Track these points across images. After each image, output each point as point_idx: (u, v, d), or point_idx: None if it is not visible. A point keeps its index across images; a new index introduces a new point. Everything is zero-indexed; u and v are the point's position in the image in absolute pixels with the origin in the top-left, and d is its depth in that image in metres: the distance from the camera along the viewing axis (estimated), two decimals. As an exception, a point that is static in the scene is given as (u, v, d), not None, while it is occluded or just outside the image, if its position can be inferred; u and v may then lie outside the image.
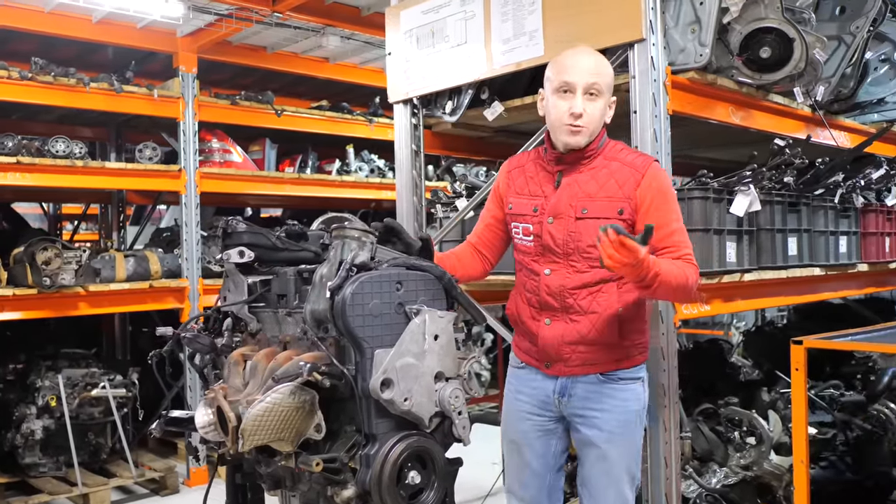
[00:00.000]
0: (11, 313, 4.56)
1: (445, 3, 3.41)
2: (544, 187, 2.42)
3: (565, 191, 2.37)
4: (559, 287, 2.36)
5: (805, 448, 2.84)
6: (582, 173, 2.37)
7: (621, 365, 2.39)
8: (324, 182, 6.04)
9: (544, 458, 2.51)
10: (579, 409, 2.41)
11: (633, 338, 2.40)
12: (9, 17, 4.64)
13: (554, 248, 2.36)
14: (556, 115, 2.34)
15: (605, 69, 2.37)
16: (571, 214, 2.34)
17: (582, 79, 2.30)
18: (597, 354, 2.36)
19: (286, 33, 5.20)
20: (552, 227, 2.36)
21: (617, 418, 2.37)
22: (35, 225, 7.84)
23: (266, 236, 2.41)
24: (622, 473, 2.40)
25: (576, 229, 2.33)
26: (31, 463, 4.94)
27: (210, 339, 2.46)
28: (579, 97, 2.30)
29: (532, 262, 2.43)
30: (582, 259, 2.33)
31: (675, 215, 2.34)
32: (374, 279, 2.15)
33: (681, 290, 2.24)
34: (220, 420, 2.24)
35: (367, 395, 2.11)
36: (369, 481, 2.09)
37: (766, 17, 2.94)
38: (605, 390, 2.38)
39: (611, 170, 2.35)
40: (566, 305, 2.35)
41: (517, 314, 2.50)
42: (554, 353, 2.39)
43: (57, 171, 4.77)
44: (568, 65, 2.34)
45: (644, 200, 2.30)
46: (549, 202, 2.38)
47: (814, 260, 3.62)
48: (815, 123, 3.66)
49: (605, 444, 2.37)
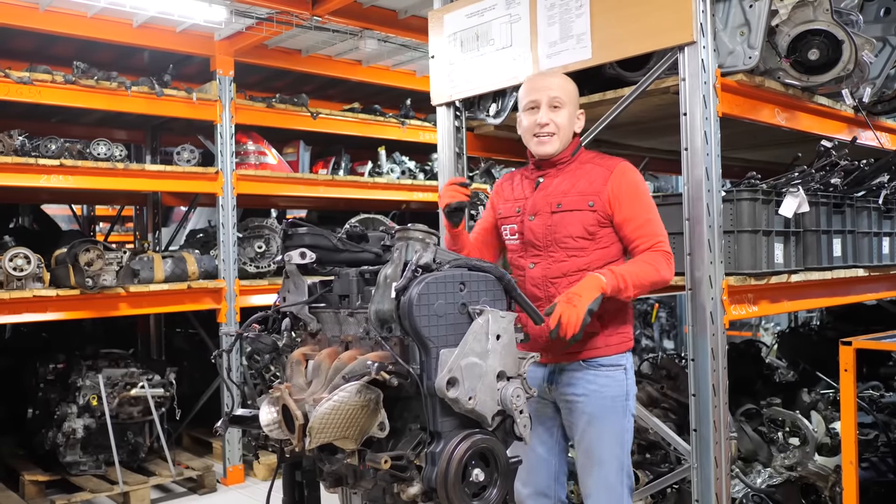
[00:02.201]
0: (55, 314, 4.64)
1: (490, 6, 3.45)
2: (525, 191, 2.71)
3: (542, 191, 2.65)
4: (542, 277, 2.60)
5: (854, 449, 2.85)
6: (558, 177, 2.64)
7: (602, 352, 2.58)
8: (356, 183, 6.09)
9: (548, 445, 2.70)
10: (564, 395, 2.62)
11: (615, 327, 2.60)
12: (52, 21, 4.71)
13: (535, 241, 2.62)
14: (526, 128, 2.66)
15: (566, 85, 2.66)
16: (548, 210, 2.60)
17: (544, 94, 2.60)
18: (582, 342, 2.54)
19: (323, 36, 5.25)
20: (533, 223, 2.63)
21: (595, 403, 2.56)
22: (63, 226, 7.95)
23: (327, 237, 2.44)
24: (606, 458, 2.54)
25: (552, 222, 2.59)
26: (72, 461, 5.01)
27: (272, 340, 2.50)
28: (543, 109, 2.60)
29: (518, 258, 2.69)
30: (560, 249, 2.58)
31: (646, 207, 2.56)
32: (439, 280, 2.18)
33: (656, 282, 2.49)
34: (286, 418, 2.27)
35: (432, 393, 2.14)
36: (435, 478, 2.12)
37: (815, 19, 2.95)
38: (587, 376, 2.58)
39: (584, 170, 2.62)
40: (549, 295, 2.56)
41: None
42: (542, 342, 2.55)
43: (98, 173, 4.84)
44: (531, 86, 2.67)
45: (615, 195, 2.54)
46: (529, 202, 2.66)
47: (857, 261, 3.62)
48: (858, 124, 3.66)
49: (587, 426, 2.56)
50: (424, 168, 6.60)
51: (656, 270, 2.48)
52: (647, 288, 2.49)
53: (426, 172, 6.55)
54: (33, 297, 4.47)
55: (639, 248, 2.53)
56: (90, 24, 4.82)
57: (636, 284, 2.44)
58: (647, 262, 2.50)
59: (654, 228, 2.55)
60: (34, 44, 5.32)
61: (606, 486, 2.56)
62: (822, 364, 4.51)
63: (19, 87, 4.54)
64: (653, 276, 2.47)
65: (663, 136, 3.93)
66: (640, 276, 2.45)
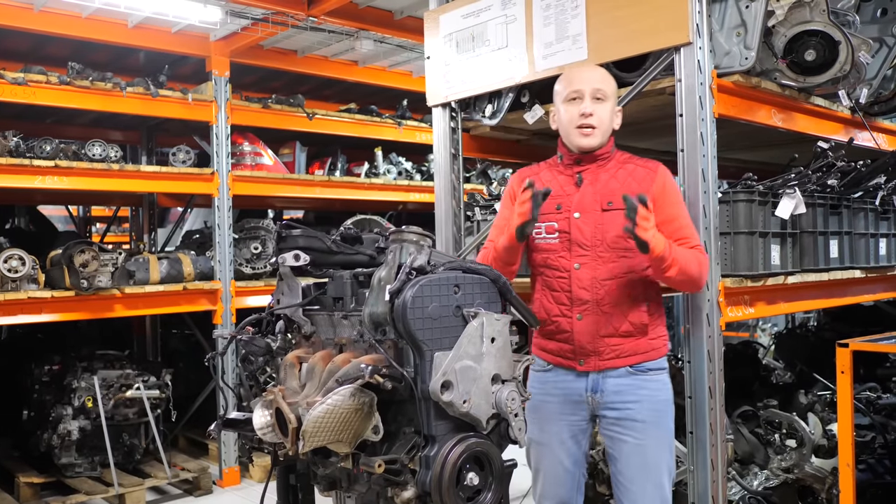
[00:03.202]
0: (50, 315, 4.62)
1: (486, 7, 3.43)
2: (565, 188, 2.56)
3: (588, 188, 2.53)
4: (591, 279, 2.48)
5: (851, 451, 2.84)
6: (601, 174, 2.55)
7: (648, 356, 2.51)
8: (353, 184, 6.08)
9: (575, 457, 2.62)
10: (611, 403, 2.50)
11: (658, 329, 2.55)
12: (46, 22, 4.69)
13: (582, 241, 2.49)
14: (567, 119, 2.55)
15: (609, 79, 2.59)
16: (597, 208, 2.49)
17: (588, 85, 2.52)
18: (628, 346, 2.49)
19: (319, 37, 5.24)
20: (579, 221, 2.50)
21: (649, 408, 2.48)
22: (60, 226, 7.93)
23: (321, 240, 2.43)
24: (660, 465, 2.48)
25: (602, 221, 2.48)
26: (67, 463, 4.99)
27: (265, 342, 2.49)
28: (587, 100, 2.51)
29: (558, 258, 2.53)
30: (609, 250, 2.47)
31: (684, 211, 2.56)
32: (433, 282, 2.17)
33: (696, 277, 2.44)
34: (279, 421, 2.26)
35: (426, 397, 2.13)
36: (429, 482, 2.11)
37: (811, 20, 2.94)
38: (636, 382, 2.49)
39: (627, 171, 2.55)
40: (598, 297, 2.47)
41: (546, 316, 2.57)
42: (590, 347, 2.48)
43: (93, 174, 4.83)
44: (575, 77, 2.58)
45: (658, 196, 2.48)
46: (574, 199, 2.53)
47: (854, 262, 3.62)
48: (855, 125, 3.65)
49: (640, 434, 2.47)
50: (421, 169, 6.59)
51: (698, 264, 2.45)
52: (685, 276, 2.41)
53: (423, 173, 6.54)
54: (28, 298, 4.45)
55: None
56: (85, 25, 4.80)
57: (681, 269, 2.37)
58: (693, 254, 2.45)
59: (694, 232, 2.54)
60: (29, 44, 5.31)
61: (661, 495, 2.50)
62: (820, 365, 4.51)
63: (14, 87, 4.52)
64: (694, 269, 2.43)
65: (659, 137, 3.92)
66: (686, 261, 2.40)
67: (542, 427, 2.61)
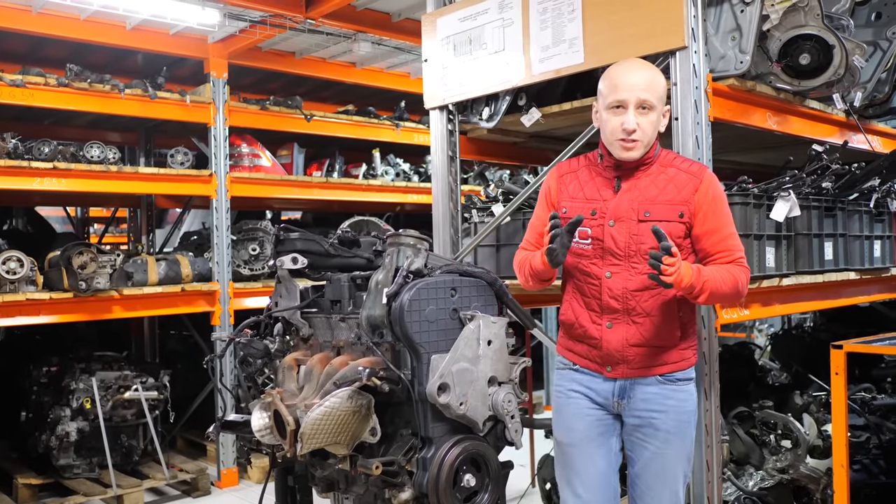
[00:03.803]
0: (48, 317, 4.63)
1: (483, 10, 3.45)
2: (602, 192, 2.44)
3: (626, 195, 2.39)
4: (622, 289, 2.37)
5: (845, 452, 2.85)
6: (640, 179, 2.41)
7: (679, 366, 2.43)
8: (351, 186, 6.09)
9: (608, 458, 2.48)
10: (637, 411, 2.42)
11: (689, 340, 2.46)
12: (45, 24, 4.70)
13: (616, 250, 2.38)
14: (609, 130, 2.38)
15: (657, 82, 2.39)
16: (633, 217, 2.37)
17: (633, 95, 2.33)
18: (659, 356, 2.40)
19: (317, 39, 5.25)
20: (614, 229, 2.38)
21: (674, 419, 2.41)
22: (57, 227, 7.93)
23: (319, 243, 2.45)
24: (677, 474, 2.43)
25: (638, 231, 2.36)
26: (65, 464, 5.00)
27: (264, 344, 2.50)
28: (631, 113, 2.33)
29: (590, 265, 2.42)
30: (643, 261, 2.33)
31: (728, 220, 2.42)
32: (430, 286, 2.19)
33: (731, 295, 2.35)
34: (277, 423, 2.28)
35: (423, 399, 2.16)
36: (426, 484, 2.14)
37: (806, 24, 2.96)
38: (665, 391, 2.41)
39: (668, 176, 2.40)
40: (629, 308, 2.37)
41: (575, 319, 2.47)
42: (619, 355, 2.39)
43: (92, 176, 4.84)
44: (619, 83, 2.37)
45: (701, 206, 2.36)
46: (609, 205, 2.40)
47: (849, 264, 3.63)
48: (850, 128, 3.67)
49: (662, 444, 2.40)
50: (419, 170, 6.61)
51: (735, 283, 2.33)
52: (717, 298, 2.34)
53: (420, 174, 6.56)
54: (26, 300, 4.46)
55: (718, 261, 2.38)
56: (83, 27, 4.81)
57: (713, 292, 2.28)
58: (730, 272, 2.34)
59: (736, 242, 2.42)
60: (27, 46, 5.31)
61: (675, 501, 2.45)
62: (815, 366, 4.53)
63: (12, 89, 4.53)
64: (730, 288, 2.32)
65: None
66: (719, 283, 2.29)
67: (569, 425, 2.49)
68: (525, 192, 3.42)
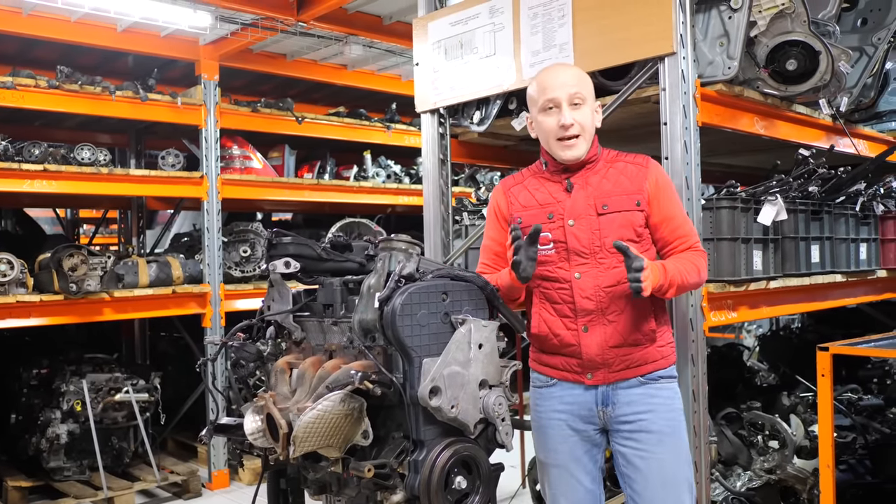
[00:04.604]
0: (38, 319, 4.62)
1: (474, 15, 3.47)
2: (555, 195, 2.43)
3: (580, 192, 2.39)
4: (594, 287, 2.35)
5: (831, 453, 2.89)
6: (591, 176, 2.42)
7: (659, 365, 2.40)
8: (342, 188, 6.11)
9: (593, 474, 2.45)
10: (624, 416, 2.37)
11: (666, 336, 2.45)
12: (35, 26, 4.69)
13: (580, 248, 2.36)
14: (547, 131, 2.39)
15: (584, 78, 2.43)
16: (592, 212, 2.36)
17: (564, 91, 2.35)
18: (638, 355, 2.37)
19: (308, 41, 5.26)
20: (574, 228, 2.36)
21: (664, 418, 2.37)
22: (47, 228, 7.90)
23: (311, 247, 2.47)
24: (679, 480, 2.36)
25: (599, 226, 2.35)
26: (55, 467, 4.99)
27: (256, 348, 2.52)
28: (565, 109, 2.35)
29: (557, 269, 2.39)
30: (610, 255, 2.34)
31: (679, 206, 2.46)
32: (422, 290, 2.21)
33: (695, 284, 2.40)
34: (270, 427, 2.30)
35: (415, 402, 2.17)
36: (418, 486, 2.15)
37: (792, 30, 3.00)
38: (648, 391, 2.38)
39: (618, 169, 2.43)
40: (602, 307, 2.34)
41: (548, 330, 2.43)
42: (599, 359, 2.35)
43: (82, 178, 4.84)
44: (547, 84, 2.40)
45: (653, 194, 2.39)
46: (566, 206, 2.39)
47: (835, 267, 3.68)
48: (836, 132, 3.72)
49: (657, 447, 2.34)
50: (410, 172, 6.63)
51: (697, 272, 2.37)
52: (684, 290, 2.37)
53: (412, 176, 6.58)
54: (16, 302, 4.46)
55: (677, 248, 2.40)
56: (74, 29, 4.81)
57: (679, 286, 2.32)
58: (691, 261, 2.37)
59: (691, 227, 2.45)
60: (17, 48, 5.30)
61: None
62: (803, 367, 4.57)
63: (2, 91, 4.53)
64: (694, 278, 2.35)
65: (644, 144, 3.96)
66: (684, 276, 2.32)
67: (552, 447, 2.46)
68: (516, 196, 3.45)
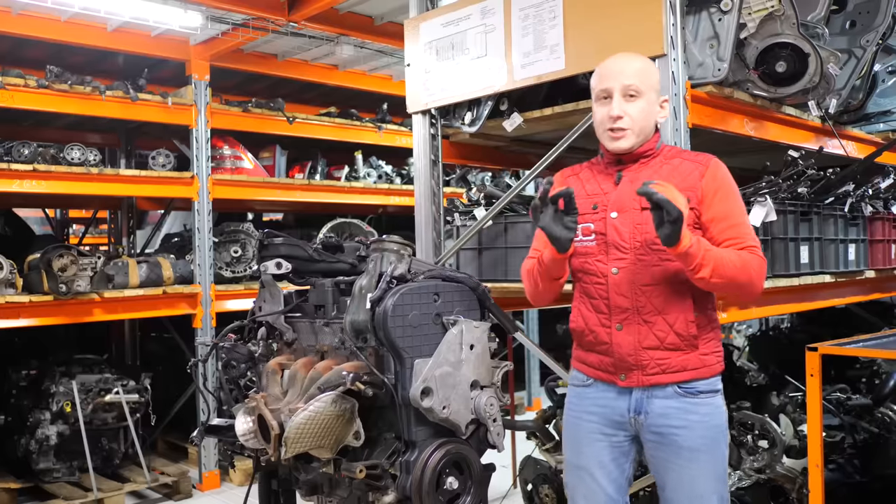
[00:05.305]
0: (27, 320, 4.60)
1: (466, 16, 3.48)
2: (603, 185, 2.35)
3: (627, 186, 2.28)
4: (629, 284, 2.24)
5: (820, 452, 2.91)
6: (643, 171, 2.31)
7: (699, 374, 2.25)
8: (333, 188, 6.10)
9: (618, 483, 2.34)
10: (656, 427, 2.25)
11: (710, 344, 2.29)
12: (25, 25, 4.67)
13: (620, 243, 2.26)
14: (597, 121, 2.33)
15: (645, 70, 2.32)
16: (636, 206, 2.24)
17: (617, 82, 2.27)
18: (676, 360, 2.23)
19: (299, 41, 5.25)
20: (616, 221, 2.27)
21: (700, 435, 2.23)
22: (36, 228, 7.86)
23: (303, 248, 2.47)
24: (707, 495, 2.24)
25: (642, 221, 2.23)
26: (45, 468, 4.97)
27: (247, 349, 2.52)
28: (616, 100, 2.27)
29: (596, 262, 2.30)
30: (650, 252, 2.22)
31: (739, 209, 2.29)
32: (414, 291, 2.22)
33: (741, 280, 2.17)
34: (261, 428, 2.30)
35: (406, 403, 2.18)
36: (410, 487, 2.16)
37: (782, 32, 3.01)
38: (684, 405, 2.23)
39: (673, 165, 2.31)
40: (638, 305, 2.24)
41: (584, 325, 2.35)
42: (632, 360, 2.24)
43: (72, 178, 4.82)
44: (604, 72, 2.33)
45: (708, 192, 2.25)
46: (610, 197, 2.31)
47: (824, 267, 3.69)
48: (825, 134, 3.74)
49: (688, 462, 2.22)
50: (401, 172, 6.63)
51: (744, 268, 2.15)
52: (723, 278, 2.13)
53: (403, 177, 6.58)
54: (5, 303, 4.43)
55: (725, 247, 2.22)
56: (64, 28, 4.79)
57: (716, 269, 2.09)
58: (738, 255, 2.17)
59: (748, 231, 2.26)
60: (6, 47, 5.27)
61: None
62: (793, 367, 4.59)
63: (-9, 91, 4.51)
64: (735, 272, 2.13)
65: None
66: (725, 263, 2.12)
67: (578, 449, 2.37)
68: (507, 196, 3.46)
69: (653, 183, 2.03)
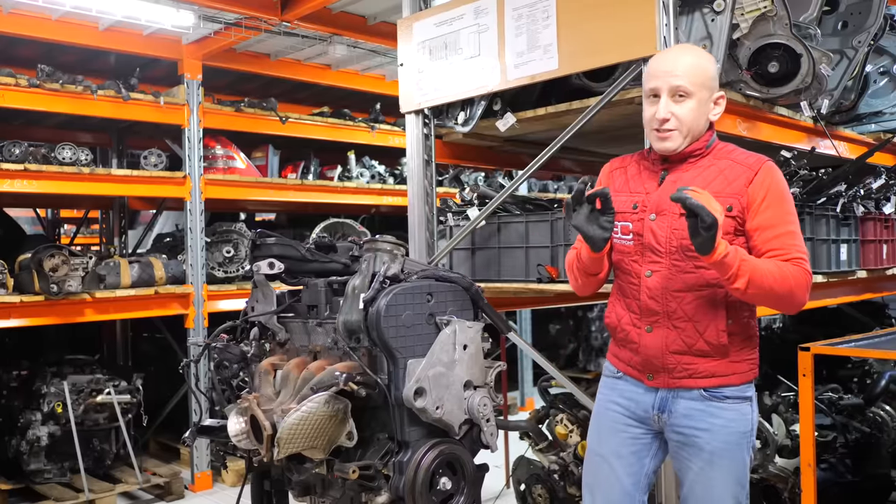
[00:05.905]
0: (18, 320, 4.58)
1: (459, 16, 3.48)
2: (646, 184, 2.29)
3: (669, 187, 2.17)
4: (662, 289, 2.20)
5: (812, 452, 2.92)
6: (688, 171, 2.24)
7: (729, 381, 2.20)
8: (326, 188, 6.09)
9: (636, 477, 2.32)
10: (678, 427, 2.24)
11: (743, 352, 2.22)
12: (16, 24, 4.64)
13: (656, 246, 2.21)
14: (645, 119, 2.27)
15: (696, 68, 2.21)
16: (676, 210, 2.16)
17: (665, 83, 2.19)
18: (704, 366, 2.19)
19: (292, 41, 5.25)
20: (654, 223, 2.22)
21: (721, 440, 2.19)
22: (27, 228, 7.82)
23: (296, 248, 2.46)
24: (727, 499, 2.22)
25: (680, 226, 2.14)
26: (35, 469, 4.94)
27: (240, 349, 2.51)
28: (664, 101, 2.19)
29: (631, 262, 2.27)
30: (686, 258, 2.16)
31: (789, 217, 2.19)
32: (407, 291, 2.21)
33: (781, 292, 2.08)
34: (254, 428, 2.29)
35: (400, 403, 2.18)
36: (403, 487, 2.16)
37: (774, 33, 3.02)
38: (709, 409, 2.20)
39: (719, 168, 2.21)
40: (669, 310, 2.19)
41: (617, 322, 2.33)
42: (658, 362, 2.22)
43: (64, 178, 4.79)
44: (653, 70, 2.25)
45: (755, 198, 2.15)
46: (651, 198, 2.25)
47: (816, 267, 3.70)
48: (817, 134, 3.75)
49: (707, 465, 2.20)
50: (394, 172, 6.62)
51: (783, 280, 2.06)
52: (760, 290, 2.05)
53: (396, 177, 6.57)
54: (-4, 303, 4.41)
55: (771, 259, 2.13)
56: (55, 27, 4.77)
57: (752, 279, 2.02)
58: (779, 266, 2.08)
59: (796, 242, 2.14)
60: (-3, 46, 5.25)
61: None
62: (784, 366, 4.60)
63: (-18, 90, 4.48)
64: (776, 284, 2.05)
65: (630, 144, 3.97)
66: (764, 274, 2.04)
67: (601, 437, 2.37)
68: (500, 197, 3.46)
69: (688, 189, 1.97)
